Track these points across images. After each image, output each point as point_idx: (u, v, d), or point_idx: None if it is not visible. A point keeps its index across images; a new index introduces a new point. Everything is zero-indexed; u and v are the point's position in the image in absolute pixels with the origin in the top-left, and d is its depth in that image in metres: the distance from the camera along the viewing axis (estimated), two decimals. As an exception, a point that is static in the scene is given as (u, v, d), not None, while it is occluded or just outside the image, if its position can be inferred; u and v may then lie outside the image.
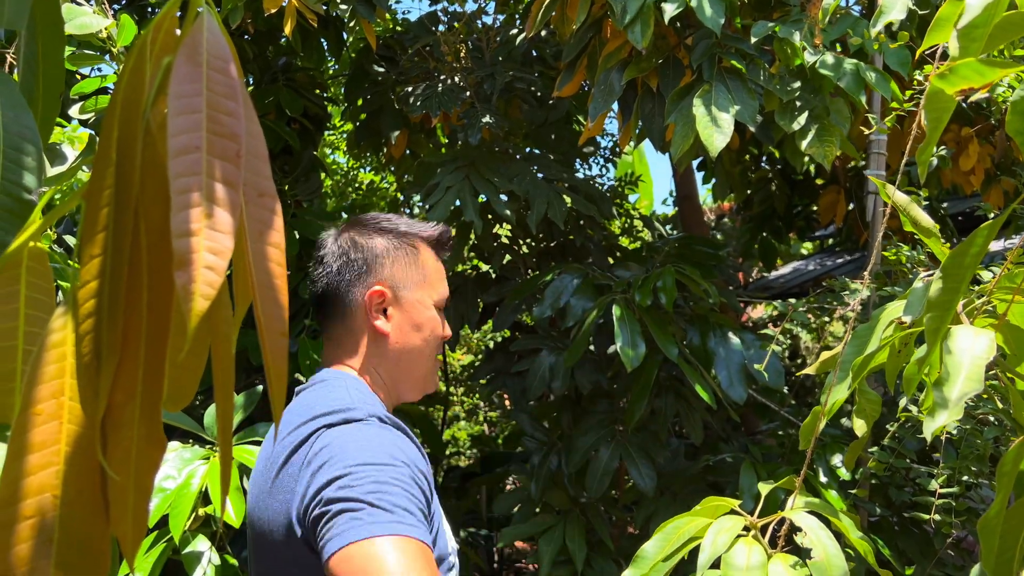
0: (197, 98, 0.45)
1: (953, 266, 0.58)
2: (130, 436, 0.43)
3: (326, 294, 1.10)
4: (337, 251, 1.10)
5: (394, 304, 1.09)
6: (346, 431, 0.94)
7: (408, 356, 1.10)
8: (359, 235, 1.11)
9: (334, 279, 1.09)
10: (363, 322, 1.08)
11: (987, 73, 0.53)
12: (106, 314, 0.44)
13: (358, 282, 1.08)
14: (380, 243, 1.10)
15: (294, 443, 0.96)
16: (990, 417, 1.31)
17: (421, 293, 1.11)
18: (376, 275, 1.08)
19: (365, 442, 0.92)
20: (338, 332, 1.10)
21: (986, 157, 2.61)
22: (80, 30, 1.61)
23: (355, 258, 1.09)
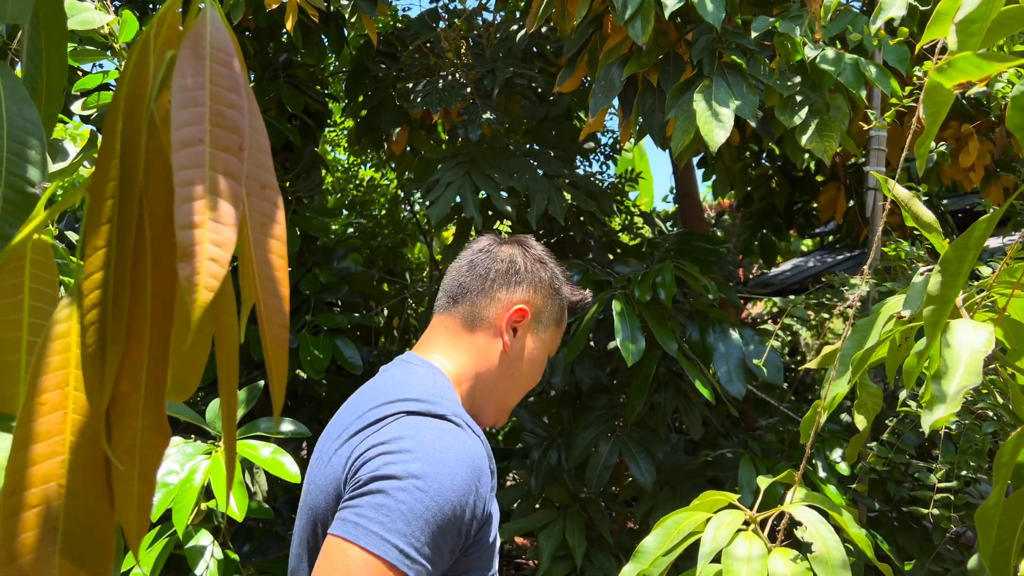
0: (200, 91, 0.45)
1: (952, 259, 0.59)
2: (134, 426, 0.43)
3: (469, 286, 1.11)
4: (501, 256, 1.12)
5: (527, 329, 1.11)
6: (425, 428, 0.92)
7: (509, 381, 1.12)
8: (527, 256, 1.13)
9: (487, 275, 1.10)
10: (490, 327, 1.09)
11: (985, 66, 0.54)
12: (111, 305, 0.44)
13: (507, 291, 1.10)
14: (544, 275, 1.13)
15: (372, 419, 0.95)
16: (989, 412, 1.31)
17: (548, 338, 1.14)
18: (524, 295, 1.11)
19: (439, 454, 0.90)
20: (455, 326, 1.10)
21: (986, 154, 2.61)
22: (82, 26, 1.62)
23: (516, 269, 1.11)
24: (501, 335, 1.09)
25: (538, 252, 1.16)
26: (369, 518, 0.85)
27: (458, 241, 2.29)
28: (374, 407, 0.96)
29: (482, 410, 1.12)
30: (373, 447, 0.90)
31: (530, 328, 1.11)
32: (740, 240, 3.78)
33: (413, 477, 0.87)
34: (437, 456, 0.89)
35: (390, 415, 0.94)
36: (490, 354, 1.09)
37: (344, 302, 2.64)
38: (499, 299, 1.09)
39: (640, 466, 1.86)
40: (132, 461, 0.43)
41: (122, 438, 0.43)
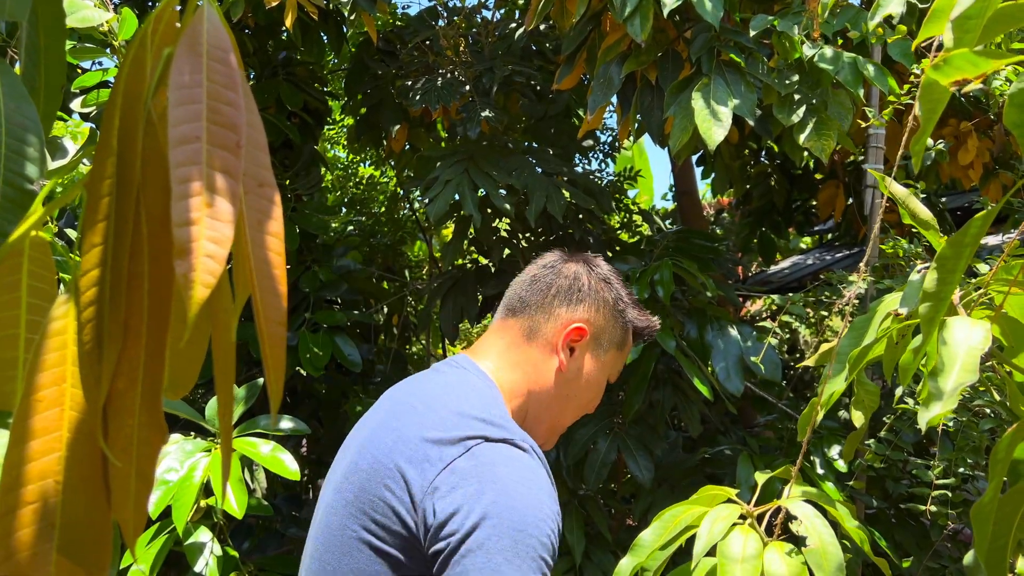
0: (197, 88, 0.45)
1: (948, 256, 0.59)
2: (132, 423, 0.43)
3: (529, 300, 1.07)
4: (565, 272, 1.08)
5: (585, 349, 1.07)
6: (505, 462, 0.89)
7: (563, 403, 1.08)
8: (592, 275, 1.10)
9: (549, 290, 1.07)
10: (547, 344, 1.06)
11: (981, 64, 0.54)
12: (107, 302, 0.44)
13: (567, 308, 1.06)
14: (609, 295, 1.09)
15: (449, 437, 0.90)
16: (986, 409, 1.32)
17: (608, 360, 1.10)
18: (585, 314, 1.07)
19: (523, 490, 0.87)
20: (512, 337, 1.07)
21: (984, 151, 2.61)
22: (82, 23, 1.62)
23: (579, 287, 1.07)
24: (557, 353, 1.05)
25: (604, 272, 1.12)
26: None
27: (457, 239, 2.29)
28: (446, 419, 0.92)
29: (533, 429, 1.06)
30: (458, 485, 0.86)
31: (588, 348, 1.08)
32: (739, 238, 3.78)
33: (509, 527, 0.83)
34: (522, 493, 0.86)
35: (466, 438, 0.90)
36: (545, 372, 1.06)
37: (343, 300, 2.65)
38: (558, 316, 1.06)
39: (639, 463, 1.86)
40: (129, 458, 0.43)
41: (119, 435, 0.43)
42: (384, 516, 0.89)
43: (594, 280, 1.09)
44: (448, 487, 0.86)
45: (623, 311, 1.11)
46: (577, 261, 1.12)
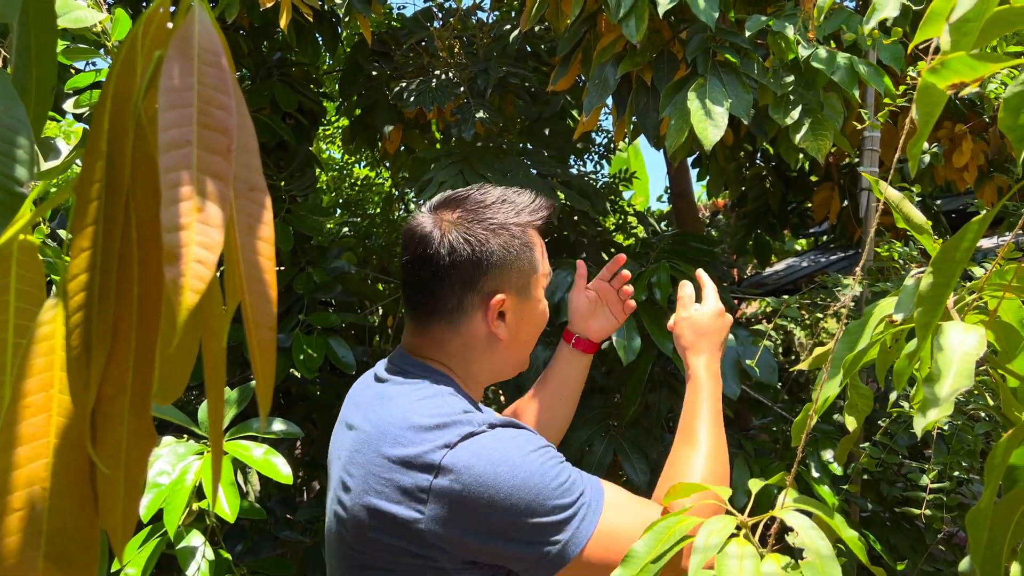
0: (188, 92, 0.45)
1: (943, 261, 0.59)
2: (120, 429, 0.43)
3: (428, 291, 0.99)
4: (446, 249, 0.97)
5: (514, 310, 1.01)
6: (475, 451, 0.88)
7: (514, 353, 1.05)
8: (473, 232, 0.98)
9: (447, 282, 0.98)
10: (478, 328, 1.00)
11: (978, 67, 0.53)
12: (96, 307, 0.44)
13: (474, 288, 0.98)
14: (498, 246, 0.98)
15: (401, 467, 0.89)
16: (981, 413, 1.32)
17: (537, 290, 1.04)
18: (496, 282, 0.99)
19: (494, 456, 0.87)
20: (440, 332, 1.01)
21: (979, 154, 2.61)
22: (75, 24, 1.61)
23: (473, 261, 0.97)
24: (493, 332, 1.00)
25: (483, 218, 0.99)
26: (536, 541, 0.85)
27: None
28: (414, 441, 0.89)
29: (498, 377, 1.06)
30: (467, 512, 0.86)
31: (516, 306, 1.01)
32: (734, 240, 3.78)
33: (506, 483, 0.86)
34: (504, 452, 0.87)
35: (435, 451, 0.88)
36: (491, 346, 1.02)
37: (338, 301, 2.64)
38: (470, 299, 0.99)
39: (634, 466, 1.86)
40: (117, 465, 0.43)
41: (107, 441, 0.43)
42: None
43: (476, 239, 0.98)
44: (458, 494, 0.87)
45: (514, 243, 1.00)
46: (449, 224, 0.99)
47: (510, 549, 0.86)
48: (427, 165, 2.06)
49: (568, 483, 0.88)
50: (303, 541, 2.33)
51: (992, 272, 0.81)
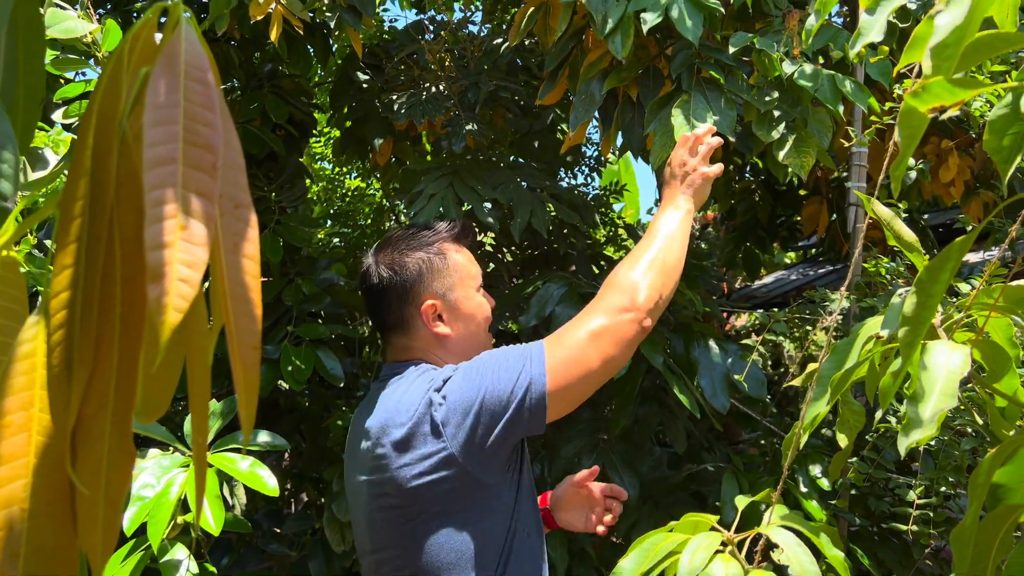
0: (174, 109, 0.45)
1: (927, 281, 0.59)
2: (101, 448, 0.42)
3: (383, 316, 1.25)
4: (382, 278, 1.24)
5: (446, 310, 1.24)
6: (452, 380, 1.12)
7: (469, 342, 1.26)
8: (394, 259, 1.24)
9: (386, 304, 1.24)
10: (425, 332, 1.24)
11: (958, 92, 0.54)
12: (78, 325, 0.43)
13: (406, 301, 1.23)
14: (414, 262, 1.24)
15: (413, 422, 1.10)
16: (967, 428, 1.32)
17: (463, 289, 1.26)
18: (423, 291, 1.23)
19: (466, 367, 1.12)
20: (403, 343, 1.25)
21: (966, 169, 2.64)
22: (65, 34, 1.60)
23: (399, 282, 1.23)
24: (436, 333, 1.23)
25: (402, 244, 1.25)
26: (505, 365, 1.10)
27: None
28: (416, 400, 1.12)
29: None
30: (449, 399, 1.10)
31: (447, 307, 1.24)
32: (724, 253, 3.80)
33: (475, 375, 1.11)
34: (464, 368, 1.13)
35: (428, 404, 1.11)
36: (443, 343, 1.25)
37: (327, 313, 2.63)
38: (408, 311, 1.23)
39: (624, 480, 1.85)
40: (97, 484, 0.42)
41: (87, 461, 0.42)
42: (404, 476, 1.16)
43: (398, 262, 1.24)
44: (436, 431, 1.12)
45: (429, 258, 1.24)
46: (380, 257, 1.26)
47: (501, 409, 1.06)
48: (417, 177, 2.06)
49: (512, 348, 1.13)
50: (289, 555, 2.31)
51: (980, 290, 0.82)
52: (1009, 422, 0.91)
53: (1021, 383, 0.92)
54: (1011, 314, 0.82)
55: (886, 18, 0.79)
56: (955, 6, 0.48)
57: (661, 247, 1.17)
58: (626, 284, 1.12)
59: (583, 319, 1.11)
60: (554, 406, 1.07)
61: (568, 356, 1.08)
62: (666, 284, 1.14)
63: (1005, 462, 0.63)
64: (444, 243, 1.27)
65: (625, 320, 1.09)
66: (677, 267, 1.17)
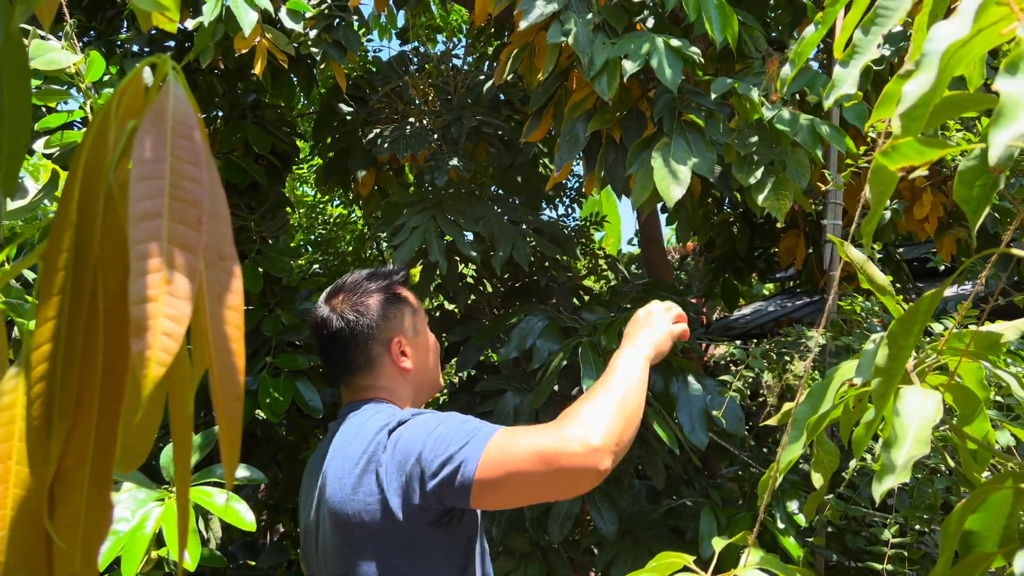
0: (161, 164, 0.45)
1: (899, 334, 0.60)
2: (79, 502, 0.42)
3: (350, 359, 1.29)
4: (347, 322, 1.29)
5: (409, 344, 1.32)
6: (405, 426, 1.15)
7: (425, 373, 1.35)
8: (356, 302, 1.30)
9: (353, 346, 1.29)
10: (390, 368, 1.30)
11: (926, 152, 0.56)
12: (59, 377, 0.43)
13: (374, 340, 1.29)
14: (377, 302, 1.30)
15: (365, 458, 1.15)
16: (941, 466, 1.34)
17: (421, 324, 1.35)
18: (388, 330, 1.30)
19: (421, 419, 1.15)
20: (367, 382, 1.30)
21: (939, 206, 2.69)
22: (48, 66, 1.60)
23: (365, 323, 1.28)
24: (402, 367, 1.30)
25: (359, 289, 1.32)
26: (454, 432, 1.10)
27: (423, 284, 2.29)
28: (358, 448, 1.16)
29: (423, 399, 1.37)
30: (400, 464, 1.11)
31: (410, 342, 1.32)
32: (703, 284, 3.83)
33: (427, 435, 1.11)
34: (422, 420, 1.15)
35: (380, 444, 1.14)
36: (405, 377, 1.31)
37: (306, 343, 2.62)
38: (375, 350, 1.29)
39: (603, 515, 1.85)
40: (74, 538, 0.42)
41: (65, 514, 0.42)
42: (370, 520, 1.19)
43: (360, 305, 1.30)
44: (386, 475, 1.14)
45: (389, 299, 1.32)
46: (337, 302, 1.31)
47: (430, 473, 1.07)
48: (400, 209, 2.07)
49: (470, 421, 1.14)
50: (265, 588, 2.28)
51: (951, 334, 0.83)
52: (980, 465, 0.92)
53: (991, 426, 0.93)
54: (982, 359, 0.83)
55: (859, 71, 0.81)
56: (923, 72, 0.50)
57: (623, 392, 1.14)
58: (587, 420, 1.08)
59: (538, 433, 1.08)
60: (480, 496, 1.06)
61: (505, 458, 1.05)
62: (626, 431, 1.10)
63: (976, 510, 0.64)
64: (397, 285, 1.35)
65: (575, 452, 1.04)
66: (637, 414, 1.14)
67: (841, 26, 0.91)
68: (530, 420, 1.99)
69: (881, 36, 0.77)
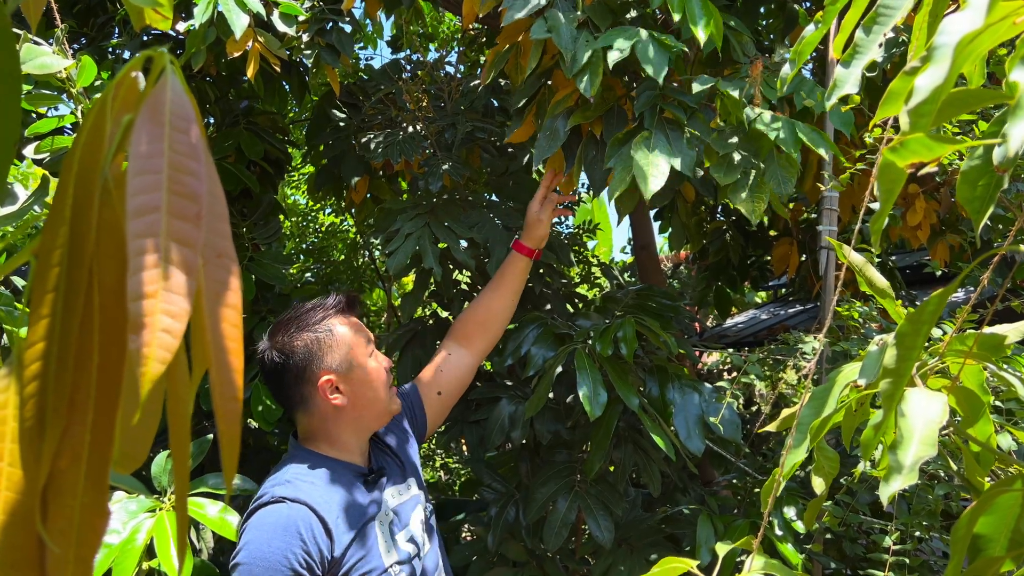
0: (158, 158, 0.44)
1: (907, 333, 0.60)
2: (73, 505, 0.41)
3: (281, 395, 1.34)
4: (275, 363, 1.32)
5: (343, 381, 1.33)
6: (253, 523, 1.24)
7: (368, 408, 1.35)
8: (284, 343, 1.33)
9: (284, 384, 1.33)
10: (322, 405, 1.32)
11: (935, 148, 0.55)
12: (53, 376, 0.42)
13: (303, 380, 1.32)
14: (303, 343, 1.32)
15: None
16: (940, 472, 1.33)
17: (353, 359, 1.34)
18: (316, 368, 1.31)
19: (256, 535, 1.21)
20: (304, 421, 1.35)
21: (932, 213, 2.69)
22: (40, 70, 1.59)
23: (292, 364, 1.31)
24: (333, 405, 1.32)
25: (291, 327, 1.34)
26: None
27: (417, 291, 2.27)
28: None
29: (371, 426, 1.39)
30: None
31: (342, 379, 1.33)
32: (696, 291, 3.83)
33: (240, 565, 1.19)
34: (255, 537, 1.20)
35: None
36: (340, 412, 1.33)
37: (299, 351, 2.60)
38: (305, 389, 1.32)
39: (599, 523, 1.84)
40: (68, 543, 0.41)
41: (58, 518, 0.41)
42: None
43: (288, 345, 1.32)
44: None
45: (317, 337, 1.32)
46: (272, 342, 1.34)
47: None
48: (393, 216, 2.06)
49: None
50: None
51: (953, 337, 0.83)
52: (983, 468, 0.91)
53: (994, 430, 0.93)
54: (985, 361, 0.83)
55: (860, 71, 0.81)
56: (936, 64, 0.49)
57: None
58: None
59: None
60: None
61: None
62: None
63: (984, 513, 0.63)
64: (329, 319, 1.35)
65: None
66: None
67: (837, 29, 0.91)
68: (525, 428, 1.98)
69: (883, 35, 0.77)
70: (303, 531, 1.21)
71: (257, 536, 1.20)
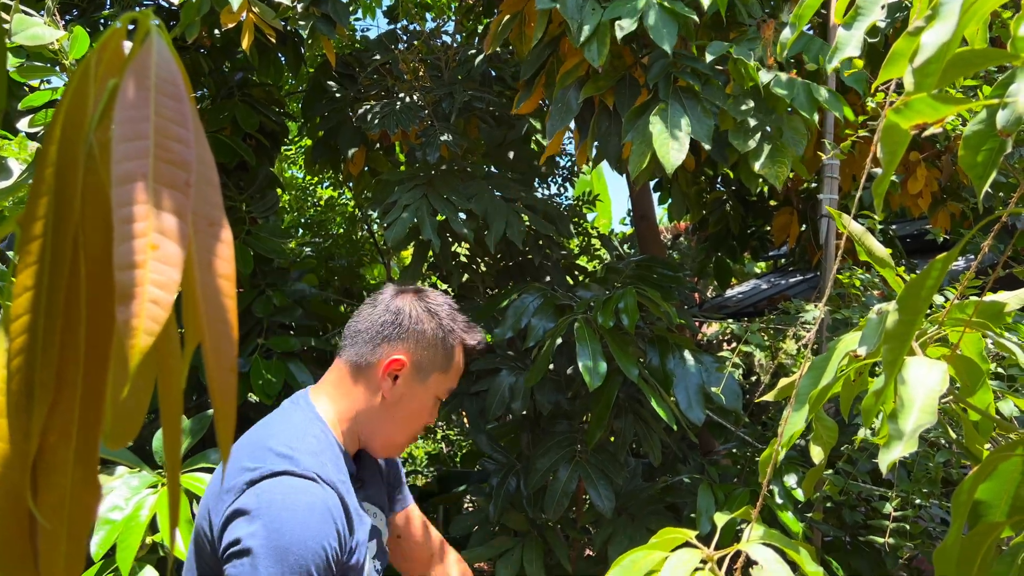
0: (144, 123, 0.43)
1: (909, 298, 0.59)
2: (63, 480, 0.40)
3: (360, 335, 1.20)
4: (391, 308, 1.20)
5: (406, 378, 1.19)
6: (281, 490, 1.02)
7: (391, 424, 1.21)
8: (415, 307, 1.21)
9: (374, 327, 1.19)
10: (372, 376, 1.18)
11: (941, 108, 0.54)
12: (40, 349, 0.41)
13: (388, 343, 1.18)
14: (429, 326, 1.20)
15: (240, 483, 1.03)
16: (941, 440, 1.33)
17: (432, 383, 1.21)
18: (405, 347, 1.18)
19: (291, 516, 1.01)
20: (347, 369, 1.20)
21: (933, 181, 2.68)
22: (31, 41, 1.57)
23: (400, 322, 1.19)
24: (381, 385, 1.17)
25: (431, 303, 1.22)
26: None
27: (415, 263, 2.27)
28: (245, 468, 1.05)
29: (372, 444, 1.22)
30: (234, 515, 1.02)
31: (409, 375, 1.19)
32: (695, 262, 3.82)
33: (275, 550, 0.98)
34: (287, 518, 1.00)
35: (249, 482, 1.03)
36: (373, 400, 1.19)
37: (298, 325, 2.59)
38: (381, 349, 1.18)
39: (600, 492, 1.84)
40: (60, 519, 0.40)
41: (49, 494, 0.40)
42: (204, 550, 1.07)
43: (417, 311, 1.20)
44: (232, 521, 1.02)
45: (444, 338, 1.21)
46: (407, 294, 1.22)
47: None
48: (391, 188, 2.04)
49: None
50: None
51: (953, 305, 0.82)
52: (983, 436, 0.91)
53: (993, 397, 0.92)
54: (985, 329, 0.82)
55: (863, 33, 0.79)
56: (942, 21, 0.48)
57: None
58: None
59: None
60: None
61: None
62: None
63: (985, 479, 0.63)
64: (459, 344, 1.24)
65: None
66: None
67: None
68: (525, 399, 1.98)
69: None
70: (338, 523, 1.05)
71: (289, 516, 1.00)
